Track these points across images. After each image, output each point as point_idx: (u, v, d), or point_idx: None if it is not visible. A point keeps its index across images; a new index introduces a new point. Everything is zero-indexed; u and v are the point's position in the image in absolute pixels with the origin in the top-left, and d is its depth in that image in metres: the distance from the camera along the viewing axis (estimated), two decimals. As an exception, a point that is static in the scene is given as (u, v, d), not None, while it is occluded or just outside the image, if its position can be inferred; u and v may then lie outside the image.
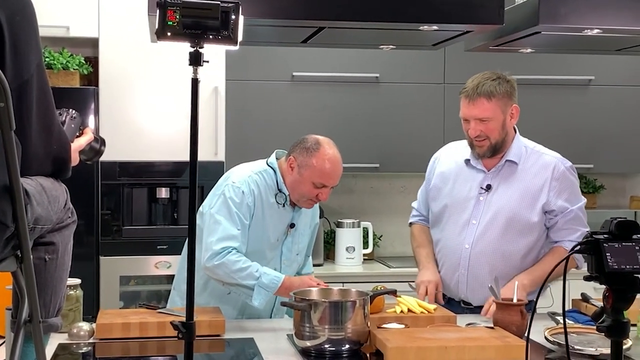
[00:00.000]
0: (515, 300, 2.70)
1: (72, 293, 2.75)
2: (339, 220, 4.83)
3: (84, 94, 4.23)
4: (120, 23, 4.25)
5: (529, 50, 3.20)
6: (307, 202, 3.05)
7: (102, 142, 2.18)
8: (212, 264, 2.87)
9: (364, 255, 4.87)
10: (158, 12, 1.91)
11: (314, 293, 2.67)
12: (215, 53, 4.16)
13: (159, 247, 4.25)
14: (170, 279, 3.58)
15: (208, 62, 1.94)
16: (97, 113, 4.22)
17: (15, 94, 1.74)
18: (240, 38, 1.96)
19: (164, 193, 4.30)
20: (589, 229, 2.97)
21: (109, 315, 2.77)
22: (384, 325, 2.64)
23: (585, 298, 3.04)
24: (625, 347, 2.40)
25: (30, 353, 1.83)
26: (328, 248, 4.92)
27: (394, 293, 2.85)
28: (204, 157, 4.17)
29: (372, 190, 5.20)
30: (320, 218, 4.72)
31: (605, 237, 1.75)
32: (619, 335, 1.77)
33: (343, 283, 4.27)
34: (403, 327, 2.64)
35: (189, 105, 1.96)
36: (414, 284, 3.16)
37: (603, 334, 1.78)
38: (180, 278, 3.17)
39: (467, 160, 3.13)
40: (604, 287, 1.77)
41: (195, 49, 1.92)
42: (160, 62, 4.25)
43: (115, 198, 4.27)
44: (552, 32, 2.78)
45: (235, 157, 3.88)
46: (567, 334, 1.92)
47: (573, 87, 4.99)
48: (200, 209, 3.03)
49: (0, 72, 1.58)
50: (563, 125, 4.93)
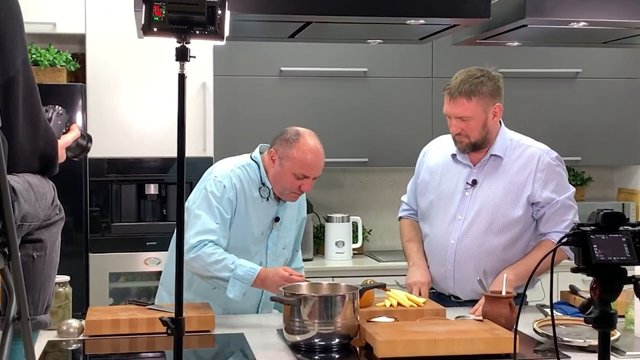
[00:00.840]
0: (504, 293, 2.71)
1: (61, 290, 2.75)
2: (328, 215, 4.84)
3: (71, 91, 4.21)
4: (107, 19, 4.23)
5: (516, 44, 3.20)
6: (290, 194, 3.05)
7: (88, 138, 2.17)
8: (188, 257, 2.87)
9: (354, 250, 4.87)
10: (144, 7, 1.90)
11: (304, 288, 2.67)
12: (203, 49, 4.15)
13: (148, 243, 4.24)
14: (160, 275, 3.57)
15: (195, 57, 1.94)
16: (84, 110, 4.21)
17: (1, 91, 1.74)
18: (227, 33, 1.96)
19: (153, 189, 4.29)
20: (577, 218, 3.00)
21: (99, 312, 2.77)
22: (374, 319, 2.64)
23: (574, 290, 3.05)
24: (613, 338, 2.41)
25: (19, 350, 1.82)
26: (317, 243, 4.93)
27: (384, 287, 2.85)
28: (193, 153, 4.18)
29: (361, 185, 5.20)
30: (310, 213, 4.75)
31: (592, 228, 1.76)
32: (607, 327, 1.78)
33: (333, 277, 4.28)
34: (392, 320, 2.65)
35: (177, 101, 1.95)
36: (405, 284, 3.16)
37: (591, 326, 1.79)
38: (168, 274, 3.18)
39: (453, 155, 3.14)
40: (592, 278, 1.78)
41: (182, 45, 1.92)
42: (148, 58, 4.24)
43: (104, 195, 4.26)
44: (538, 25, 2.78)
45: (224, 152, 3.87)
46: (555, 326, 1.93)
47: (560, 80, 5.00)
48: (186, 204, 3.03)
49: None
50: (550, 118, 4.95)
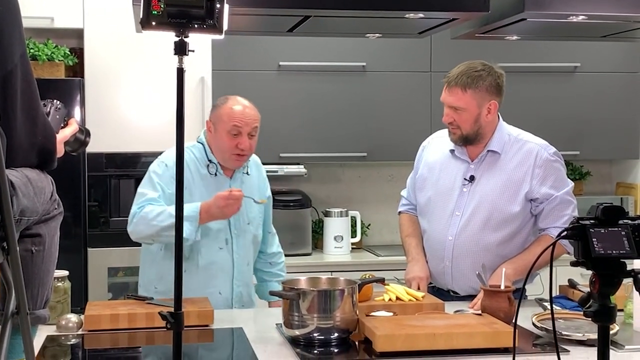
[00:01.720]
0: (503, 287, 2.71)
1: (60, 285, 2.74)
2: (327, 210, 4.84)
3: (70, 85, 4.21)
4: (105, 13, 4.22)
5: (515, 38, 3.20)
6: (231, 157, 3.11)
7: (87, 133, 2.17)
8: (132, 226, 3.02)
9: (352, 244, 4.87)
10: (142, 1, 1.90)
11: (303, 282, 2.67)
12: (202, 43, 4.15)
13: (147, 238, 4.23)
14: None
15: (193, 51, 1.93)
16: (83, 104, 4.20)
17: (-1, 85, 1.73)
18: (226, 27, 1.95)
19: (151, 184, 4.29)
20: (577, 213, 3.00)
21: (97, 307, 2.77)
22: (373, 313, 2.64)
23: (573, 284, 3.05)
24: (612, 332, 2.41)
25: (18, 345, 1.82)
26: (316, 237, 4.93)
27: (382, 281, 2.85)
28: (191, 147, 4.16)
29: (359, 180, 5.20)
30: (308, 207, 4.76)
31: (592, 222, 1.75)
32: (606, 320, 1.78)
33: (331, 272, 4.28)
34: (391, 314, 2.65)
35: (175, 96, 1.95)
36: (404, 280, 3.16)
37: (590, 319, 1.79)
38: (143, 270, 3.28)
39: (452, 151, 3.14)
40: (591, 272, 1.78)
41: (180, 39, 1.91)
42: (146, 52, 4.23)
43: (102, 189, 4.26)
44: (537, 19, 2.78)
45: (223, 147, 3.86)
46: (554, 320, 1.93)
47: (559, 74, 5.00)
48: None
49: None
50: (549, 112, 4.95)
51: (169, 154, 3.14)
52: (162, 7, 1.89)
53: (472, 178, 3.07)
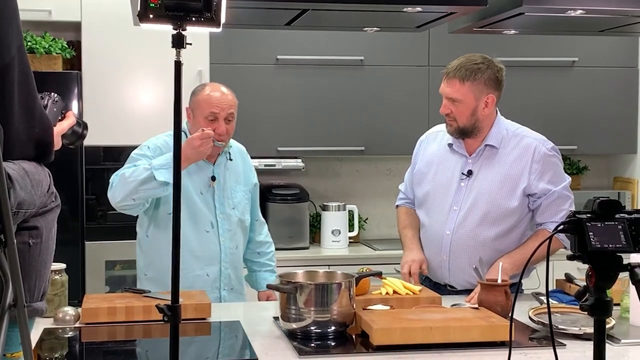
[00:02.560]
0: (500, 281, 2.72)
1: (57, 278, 2.74)
2: (325, 204, 4.84)
3: (67, 78, 4.20)
4: (103, 6, 4.22)
5: (513, 32, 3.20)
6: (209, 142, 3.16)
7: (84, 126, 2.17)
8: (111, 191, 3.06)
9: (350, 238, 4.88)
10: (140, -6, 1.89)
11: (300, 276, 2.67)
12: (200, 36, 4.15)
13: (145, 231, 4.23)
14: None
15: (191, 44, 1.93)
16: (80, 97, 4.20)
17: (-4, 78, 1.73)
18: (223, 20, 1.95)
19: (149, 177, 4.29)
20: (574, 208, 3.00)
21: (95, 300, 2.77)
22: (370, 307, 2.65)
23: (569, 278, 3.06)
24: (609, 326, 2.42)
25: (15, 338, 1.82)
26: (314, 231, 4.93)
27: (380, 275, 2.85)
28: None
29: (357, 174, 5.20)
30: (306, 201, 4.76)
31: (588, 216, 1.76)
32: (602, 314, 1.78)
33: (329, 266, 4.28)
34: (388, 308, 2.65)
35: (173, 89, 1.94)
36: (399, 267, 3.17)
37: (586, 313, 1.79)
38: (145, 264, 3.29)
39: (450, 145, 3.14)
40: (587, 266, 1.79)
41: (178, 31, 1.91)
42: (144, 45, 4.23)
43: (100, 183, 4.26)
44: (535, 13, 2.78)
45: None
46: (550, 314, 1.93)
47: (557, 68, 5.00)
48: None
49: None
50: (547, 107, 4.95)
51: (152, 139, 3.23)
52: (159, -1, 1.88)
53: (469, 172, 3.07)
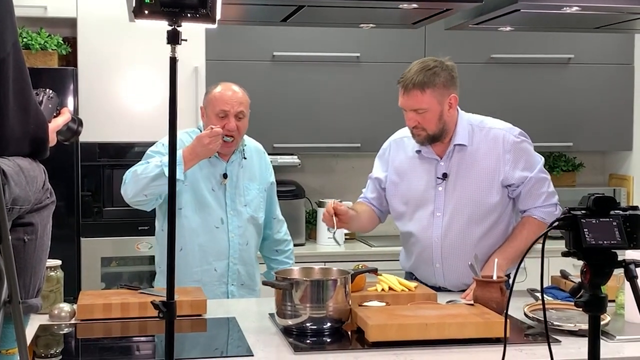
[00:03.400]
0: (495, 278, 2.72)
1: (52, 274, 2.74)
2: (321, 200, 4.84)
3: (63, 75, 4.20)
4: (98, 2, 4.21)
5: (508, 29, 3.20)
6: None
7: (79, 122, 2.16)
8: (124, 187, 3.12)
9: (346, 235, 4.87)
10: (135, -10, 1.89)
11: (296, 272, 2.68)
12: (196, 33, 4.14)
13: (140, 228, 4.23)
14: (152, 260, 3.58)
15: (186, 40, 1.92)
16: (76, 94, 4.19)
17: (-9, 74, 1.72)
18: (219, 16, 1.95)
19: (145, 174, 4.29)
20: (552, 187, 3.00)
21: (90, 296, 2.77)
22: (365, 303, 2.65)
23: (565, 275, 3.07)
24: (604, 322, 2.42)
25: (10, 334, 1.82)
26: (310, 228, 4.94)
27: (375, 271, 2.85)
28: (185, 137, 4.16)
29: (353, 170, 5.20)
30: (302, 198, 4.76)
31: (583, 213, 1.76)
32: (597, 311, 1.79)
33: (324, 262, 4.28)
34: (384, 305, 2.66)
35: (169, 86, 1.94)
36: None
37: (581, 310, 1.80)
38: (160, 258, 3.31)
39: (418, 151, 3.10)
40: (582, 263, 1.79)
41: (173, 28, 1.90)
42: (140, 42, 4.22)
43: (96, 179, 4.25)
44: (531, 9, 2.78)
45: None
46: (545, 310, 1.94)
47: (552, 65, 5.00)
48: None
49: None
50: (542, 104, 4.95)
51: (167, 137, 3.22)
52: (155, -5, 1.88)
53: (445, 175, 3.04)
